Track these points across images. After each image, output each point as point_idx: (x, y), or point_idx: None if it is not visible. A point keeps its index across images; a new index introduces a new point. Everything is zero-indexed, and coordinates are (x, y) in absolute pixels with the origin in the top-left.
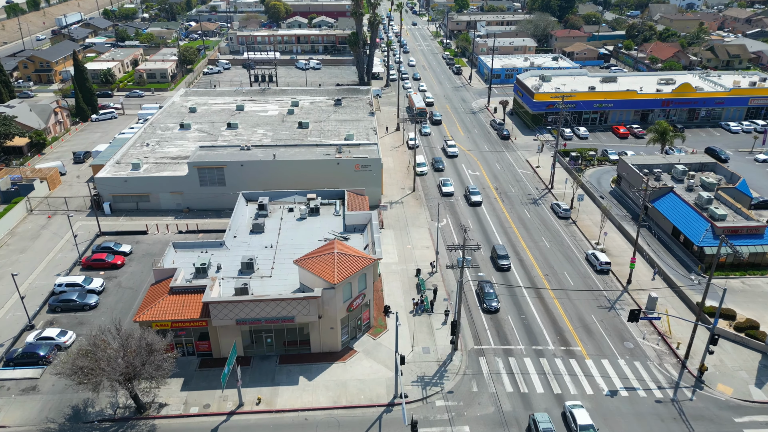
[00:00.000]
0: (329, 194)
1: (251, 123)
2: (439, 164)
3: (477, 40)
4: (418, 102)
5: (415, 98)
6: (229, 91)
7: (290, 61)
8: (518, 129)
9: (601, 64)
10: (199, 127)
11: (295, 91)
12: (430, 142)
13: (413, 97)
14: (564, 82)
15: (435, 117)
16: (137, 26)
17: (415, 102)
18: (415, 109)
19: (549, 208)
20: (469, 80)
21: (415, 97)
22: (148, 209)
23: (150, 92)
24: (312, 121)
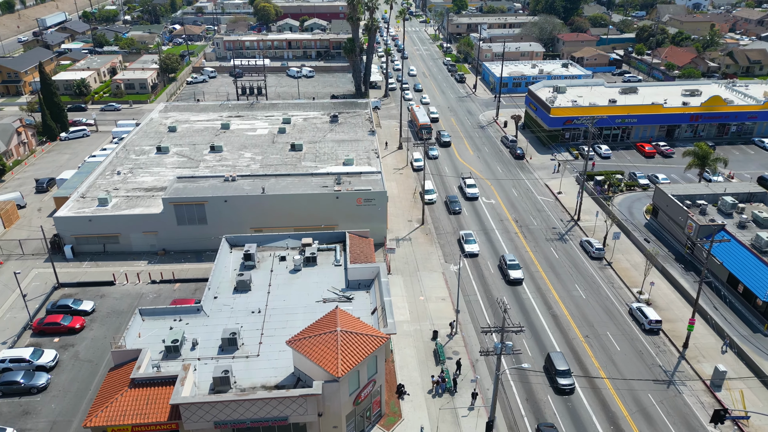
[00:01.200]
0: (328, 237)
1: (238, 145)
2: (456, 205)
3: (481, 45)
4: (422, 117)
5: (418, 113)
6: (214, 106)
7: (281, 69)
8: (533, 147)
9: (613, 71)
10: (178, 150)
11: (287, 105)
12: (438, 166)
13: (417, 111)
14: (580, 94)
15: (444, 138)
16: (117, 30)
17: (419, 117)
18: (418, 125)
19: (578, 245)
20: (473, 89)
21: (418, 111)
22: (118, 252)
23: (128, 105)
24: (306, 142)
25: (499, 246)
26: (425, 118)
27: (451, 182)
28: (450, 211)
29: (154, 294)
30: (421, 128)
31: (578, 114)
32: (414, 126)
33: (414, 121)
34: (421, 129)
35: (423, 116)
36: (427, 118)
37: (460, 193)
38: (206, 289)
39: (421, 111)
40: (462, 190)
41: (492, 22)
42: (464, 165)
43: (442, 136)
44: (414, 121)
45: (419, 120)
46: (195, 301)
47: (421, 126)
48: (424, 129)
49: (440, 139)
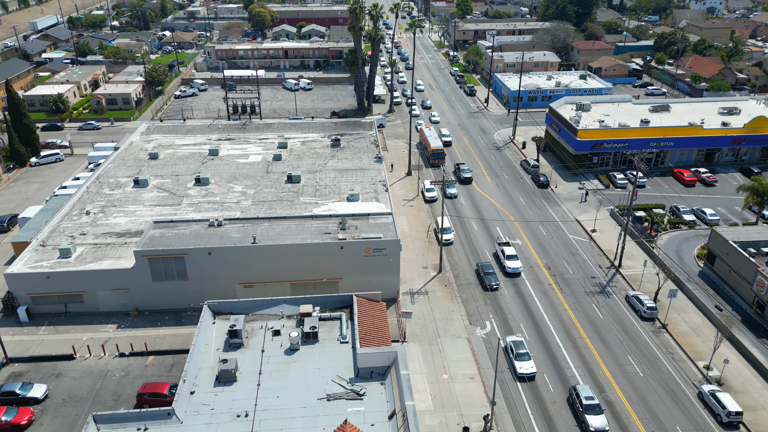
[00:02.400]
0: (331, 302)
1: (227, 175)
2: (492, 279)
3: (491, 53)
4: (434, 141)
5: (429, 136)
6: (202, 127)
7: (277, 80)
8: (557, 173)
9: (633, 83)
10: (159, 183)
11: (283, 126)
12: (457, 207)
13: (427, 134)
14: (606, 112)
15: (464, 173)
16: (102, 37)
17: (431, 141)
18: (430, 150)
19: (624, 300)
20: (485, 104)
21: (429, 133)
22: (82, 312)
23: (109, 123)
24: (304, 172)
25: (532, 304)
26: (437, 142)
27: (476, 228)
28: (485, 287)
29: (122, 372)
30: (433, 154)
31: (608, 137)
32: (424, 149)
33: (424, 144)
34: (433, 155)
35: (435, 140)
36: (439, 142)
37: (494, 261)
38: (181, 382)
39: (433, 133)
40: (498, 258)
41: (500, 29)
42: (482, 195)
43: (462, 171)
44: (424, 144)
45: (431, 145)
46: (169, 387)
47: (433, 151)
48: (437, 155)
49: (460, 174)
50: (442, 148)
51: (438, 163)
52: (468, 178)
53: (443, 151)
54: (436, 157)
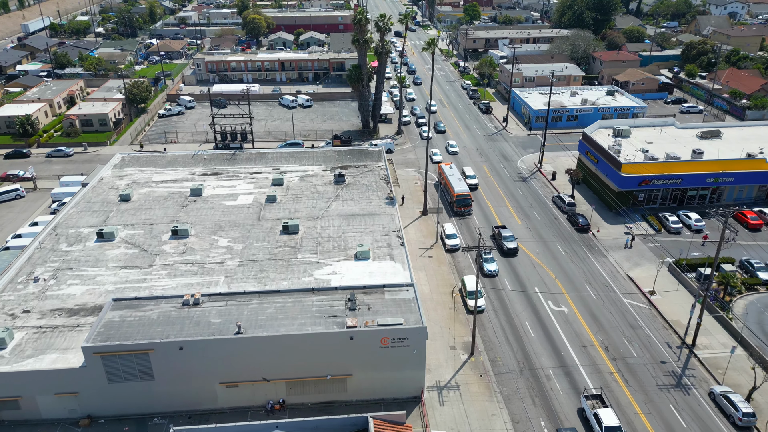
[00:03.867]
0: (339, 427)
1: (210, 224)
2: None
3: (506, 65)
4: (458, 184)
5: (451, 176)
6: (185, 158)
7: (272, 96)
8: (598, 213)
9: (665, 98)
10: (128, 235)
11: (278, 157)
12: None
13: (447, 173)
14: (649, 139)
15: (508, 242)
16: (84, 46)
17: (453, 184)
18: (453, 195)
19: (708, 397)
20: (504, 123)
21: (450, 174)
22: (19, 421)
23: (82, 148)
24: (303, 218)
25: None
26: (461, 185)
27: (509, 287)
28: None
29: None
30: (457, 200)
31: (657, 171)
32: (445, 191)
33: (444, 184)
34: (458, 201)
35: (458, 183)
36: (464, 186)
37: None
38: None
39: (454, 173)
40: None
41: (513, 37)
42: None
43: (505, 239)
44: (444, 184)
45: (453, 188)
46: None
47: (458, 197)
48: (462, 201)
49: (502, 243)
50: (468, 193)
51: (463, 211)
52: (513, 249)
53: (469, 197)
54: (461, 204)
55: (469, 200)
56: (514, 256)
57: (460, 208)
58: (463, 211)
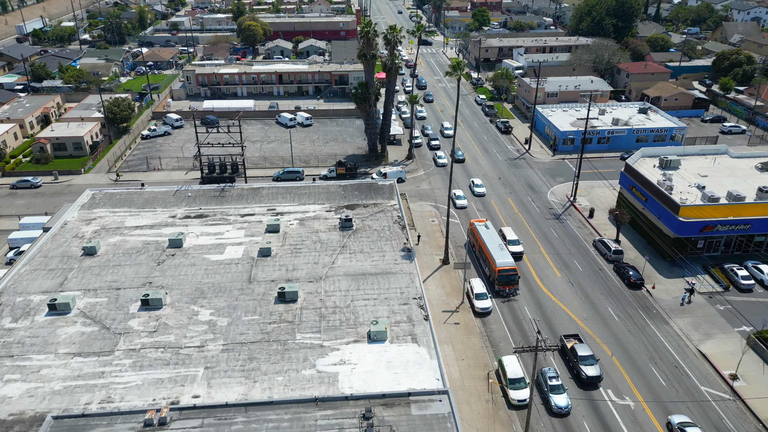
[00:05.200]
0: None
1: (190, 289)
2: None
3: (525, 79)
4: (500, 256)
5: (487, 240)
6: (165, 195)
7: (269, 114)
8: (651, 264)
9: (701, 116)
10: (88, 305)
11: (275, 193)
12: (517, 315)
13: (484, 236)
14: (701, 170)
15: (584, 366)
16: (65, 56)
17: (493, 254)
18: (495, 270)
19: None
20: (526, 146)
21: (486, 234)
22: None
23: (52, 177)
24: (303, 279)
25: None
26: (504, 257)
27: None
28: None
29: None
30: (499, 276)
31: (722, 215)
32: (480, 258)
33: (480, 250)
34: (501, 278)
35: (500, 252)
36: (507, 257)
37: None
38: None
39: (493, 238)
40: None
41: (528, 45)
42: (553, 302)
43: (582, 361)
44: (480, 250)
45: (494, 260)
46: None
47: (501, 273)
48: (506, 278)
49: (579, 369)
50: (514, 267)
51: (508, 291)
52: (596, 377)
53: (515, 272)
54: (505, 282)
55: (514, 276)
56: (597, 386)
57: (504, 286)
58: (508, 291)
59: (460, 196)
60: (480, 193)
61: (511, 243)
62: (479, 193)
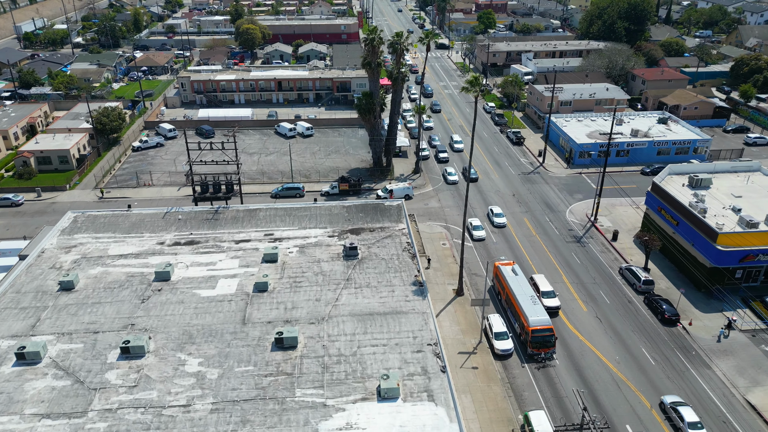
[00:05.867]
0: None
1: (177, 332)
2: None
3: (537, 87)
4: (532, 311)
5: (516, 290)
6: (154, 218)
7: (267, 123)
8: (685, 297)
9: (723, 126)
10: (62, 352)
11: (273, 216)
12: None
13: (512, 284)
14: (734, 189)
15: None
16: (56, 61)
17: (527, 314)
18: (528, 329)
19: None
20: (540, 159)
21: (514, 282)
22: None
23: (35, 194)
24: (304, 320)
25: None
26: (538, 312)
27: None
28: None
29: None
30: (533, 338)
31: (763, 243)
32: (509, 311)
33: (507, 300)
34: (534, 339)
35: (532, 306)
36: (542, 314)
37: None
38: None
39: (523, 287)
40: None
41: (538, 50)
42: (581, 342)
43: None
44: (507, 300)
45: (526, 317)
46: None
47: (535, 334)
48: (540, 339)
49: None
50: (550, 326)
51: (544, 355)
52: None
53: (552, 332)
54: (540, 344)
55: (551, 337)
56: None
57: (538, 349)
58: (543, 356)
59: (477, 226)
60: (500, 224)
61: (545, 295)
62: (499, 224)
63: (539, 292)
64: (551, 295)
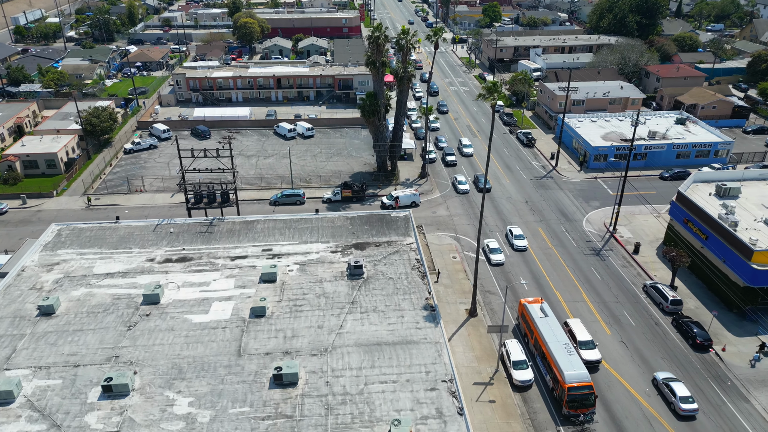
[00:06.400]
0: None
1: (166, 365)
2: None
3: (548, 85)
4: (570, 366)
5: (548, 337)
6: (144, 230)
7: (266, 122)
8: (717, 319)
9: (743, 126)
10: (38, 389)
11: (272, 228)
12: None
13: (543, 330)
14: (763, 199)
15: None
16: (47, 56)
17: (562, 367)
18: (564, 386)
19: None
20: (553, 162)
21: (543, 324)
22: None
23: (20, 201)
24: (306, 352)
25: None
26: (577, 367)
27: None
28: None
29: None
30: (569, 396)
31: None
32: (537, 356)
33: (537, 345)
34: (571, 398)
35: (567, 357)
36: (580, 368)
37: None
38: None
39: (557, 334)
40: None
41: (546, 45)
42: (607, 371)
43: None
44: (537, 345)
45: (562, 372)
46: None
47: (571, 392)
48: (577, 399)
49: None
50: (590, 383)
51: (583, 418)
52: None
53: (592, 391)
54: (577, 403)
55: (591, 396)
56: None
57: (575, 410)
58: (582, 418)
59: (495, 249)
60: (521, 248)
61: (583, 346)
62: (520, 248)
63: (575, 340)
64: (590, 345)
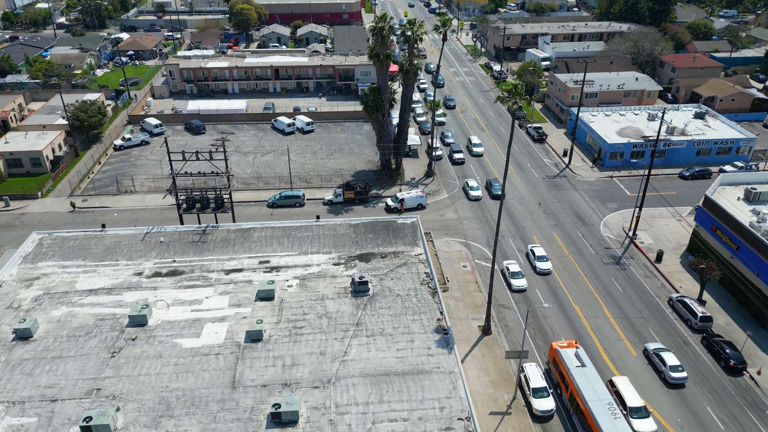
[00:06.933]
0: None
1: (153, 400)
2: None
3: (558, 76)
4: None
5: (599, 413)
6: (132, 240)
7: (264, 116)
8: (752, 340)
9: (762, 119)
10: (10, 428)
11: (268, 237)
12: None
13: (585, 393)
14: None
15: None
16: (35, 44)
17: (601, 423)
18: None
19: None
20: (566, 159)
21: (579, 375)
22: None
23: (2, 204)
24: (307, 384)
25: None
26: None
27: None
28: None
29: None
30: None
31: None
32: (569, 405)
33: (570, 397)
34: None
35: (616, 427)
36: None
37: None
38: None
39: (598, 389)
40: None
41: (555, 32)
42: None
43: None
44: (570, 397)
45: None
46: None
47: None
48: None
49: None
50: None
51: None
52: None
53: None
54: None
55: None
56: None
57: None
58: None
59: (516, 273)
60: (544, 271)
61: (634, 413)
62: (543, 271)
63: (623, 403)
64: (643, 413)
